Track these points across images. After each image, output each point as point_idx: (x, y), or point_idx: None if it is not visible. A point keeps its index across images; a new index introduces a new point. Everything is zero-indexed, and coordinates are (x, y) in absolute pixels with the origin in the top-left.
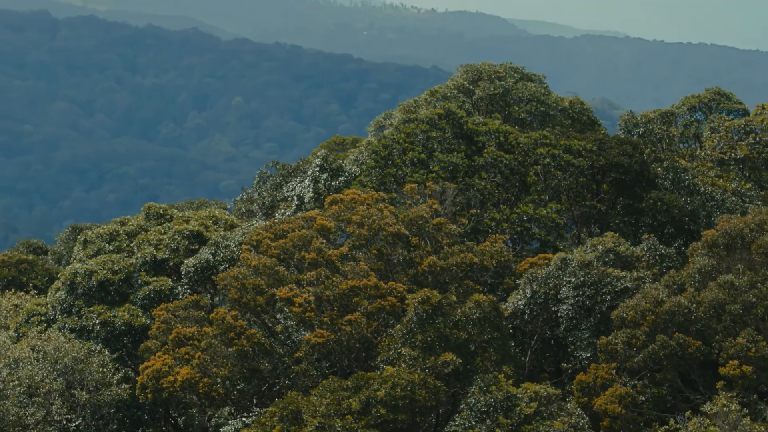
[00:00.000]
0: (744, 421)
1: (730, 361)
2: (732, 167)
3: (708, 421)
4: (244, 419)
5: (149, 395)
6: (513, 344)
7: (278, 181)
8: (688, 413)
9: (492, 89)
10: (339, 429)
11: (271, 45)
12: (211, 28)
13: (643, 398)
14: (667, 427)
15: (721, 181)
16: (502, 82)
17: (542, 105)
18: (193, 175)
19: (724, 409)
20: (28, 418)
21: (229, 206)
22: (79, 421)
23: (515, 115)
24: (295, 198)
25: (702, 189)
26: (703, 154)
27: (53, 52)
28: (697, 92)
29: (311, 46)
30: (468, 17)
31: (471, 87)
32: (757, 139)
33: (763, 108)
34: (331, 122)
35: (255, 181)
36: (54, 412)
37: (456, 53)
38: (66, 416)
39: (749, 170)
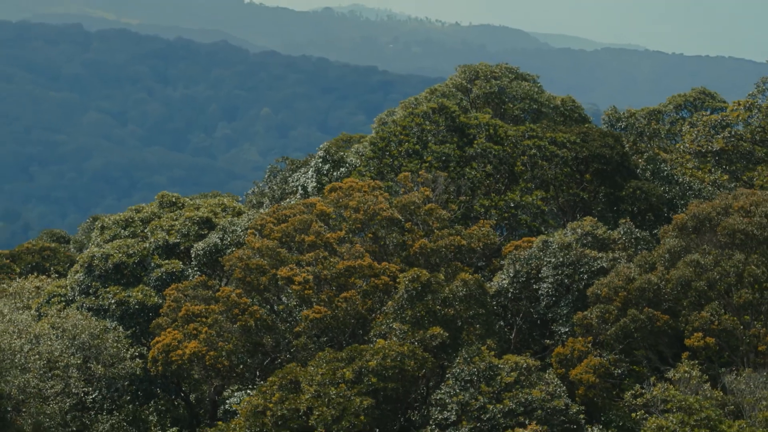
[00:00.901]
0: (705, 387)
1: (695, 334)
2: (709, 159)
3: (671, 386)
4: (249, 392)
5: (160, 368)
6: (502, 323)
7: (287, 175)
8: (653, 379)
9: (488, 88)
10: (333, 396)
11: (298, 57)
12: (240, 41)
13: (619, 371)
14: (633, 391)
15: (700, 173)
16: (498, 81)
17: (535, 103)
18: (222, 184)
19: (686, 375)
20: (48, 390)
21: (240, 198)
22: (96, 393)
23: (510, 113)
24: (299, 188)
25: (680, 179)
26: (682, 147)
27: (86, 65)
28: None
29: (338, 59)
30: (491, 30)
31: (468, 86)
32: (733, 132)
33: (739, 104)
34: (357, 132)
35: (266, 176)
36: (72, 385)
37: None
38: (83, 389)
39: (725, 162)
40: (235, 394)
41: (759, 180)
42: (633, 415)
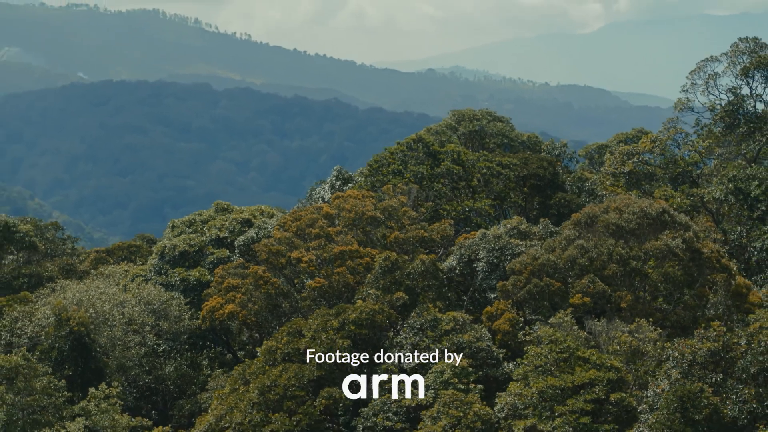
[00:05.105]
0: (575, 329)
1: (577, 295)
2: (620, 178)
3: (550, 328)
4: None
5: (207, 323)
6: (464, 298)
7: None
8: (538, 323)
9: (471, 127)
10: (324, 339)
11: (401, 113)
12: (350, 99)
13: (534, 326)
14: (524, 331)
15: (619, 189)
16: (479, 122)
17: (506, 138)
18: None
19: (560, 320)
20: (129, 342)
21: (287, 212)
22: (164, 345)
23: (487, 146)
24: (320, 198)
25: (599, 193)
26: (603, 169)
27: (214, 119)
28: None
29: (437, 114)
30: (577, 90)
31: (456, 126)
32: (640, 159)
33: (648, 137)
34: None
35: (307, 195)
36: (146, 338)
37: (565, 121)
38: (155, 341)
39: (633, 181)
40: (263, 344)
41: (657, 193)
42: (525, 348)
